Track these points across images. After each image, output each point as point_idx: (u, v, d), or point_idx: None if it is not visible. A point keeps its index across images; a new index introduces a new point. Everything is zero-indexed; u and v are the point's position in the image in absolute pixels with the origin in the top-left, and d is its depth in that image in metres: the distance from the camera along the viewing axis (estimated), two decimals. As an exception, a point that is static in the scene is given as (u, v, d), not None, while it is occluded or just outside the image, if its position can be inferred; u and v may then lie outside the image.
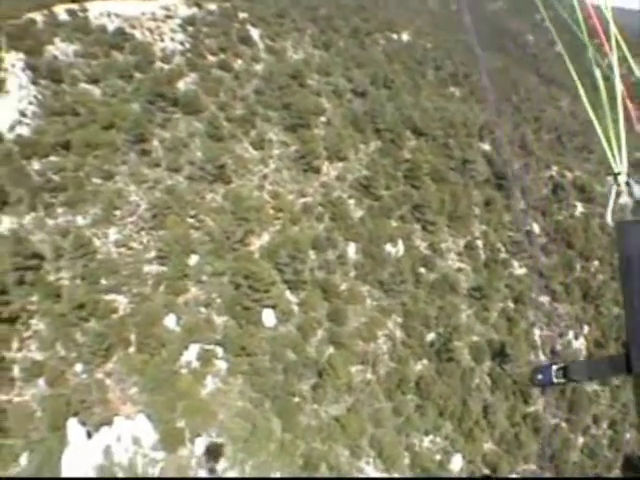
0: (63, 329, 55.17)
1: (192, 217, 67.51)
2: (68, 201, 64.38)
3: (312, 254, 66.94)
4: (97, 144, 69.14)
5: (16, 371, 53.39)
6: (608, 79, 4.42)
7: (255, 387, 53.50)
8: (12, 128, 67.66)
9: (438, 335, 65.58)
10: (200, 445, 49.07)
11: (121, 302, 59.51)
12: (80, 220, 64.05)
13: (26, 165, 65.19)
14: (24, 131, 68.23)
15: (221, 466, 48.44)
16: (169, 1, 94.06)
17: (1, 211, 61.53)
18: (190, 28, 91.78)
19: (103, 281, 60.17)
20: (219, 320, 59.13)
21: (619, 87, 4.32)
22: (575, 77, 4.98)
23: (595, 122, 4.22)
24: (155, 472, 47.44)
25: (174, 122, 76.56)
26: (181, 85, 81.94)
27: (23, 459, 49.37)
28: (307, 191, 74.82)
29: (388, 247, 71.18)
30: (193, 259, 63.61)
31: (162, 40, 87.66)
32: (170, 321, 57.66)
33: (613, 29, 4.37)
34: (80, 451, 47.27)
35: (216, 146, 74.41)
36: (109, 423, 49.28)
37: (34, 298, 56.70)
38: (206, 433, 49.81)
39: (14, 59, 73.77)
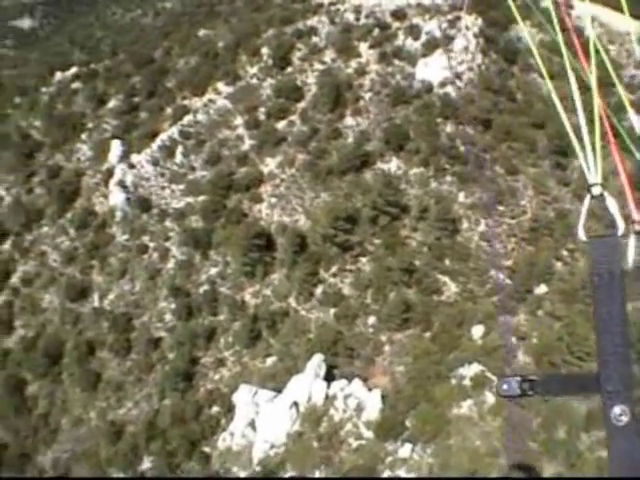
0: (384, 278, 54.80)
1: (568, 250, 61.36)
2: (460, 174, 62.98)
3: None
4: (517, 137, 66.26)
5: (317, 291, 55.20)
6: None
7: (502, 438, 46.54)
8: (443, 85, 68.13)
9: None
10: (396, 447, 43.75)
11: (449, 288, 57.00)
12: (461, 197, 62.31)
13: (440, 124, 65.41)
14: (452, 93, 68.11)
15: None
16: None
17: (395, 153, 62.91)
18: None
19: (446, 261, 58.30)
20: (523, 359, 52.75)
21: (596, 92, 3.44)
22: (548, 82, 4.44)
23: (570, 131, 3.38)
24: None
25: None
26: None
27: (269, 361, 52.49)
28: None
29: None
30: (541, 289, 57.75)
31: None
32: (477, 331, 52.95)
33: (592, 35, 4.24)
34: (307, 382, 46.50)
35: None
36: (350, 379, 47.28)
37: (375, 241, 57.42)
38: (412, 442, 43.61)
39: (470, 22, 73.97)
